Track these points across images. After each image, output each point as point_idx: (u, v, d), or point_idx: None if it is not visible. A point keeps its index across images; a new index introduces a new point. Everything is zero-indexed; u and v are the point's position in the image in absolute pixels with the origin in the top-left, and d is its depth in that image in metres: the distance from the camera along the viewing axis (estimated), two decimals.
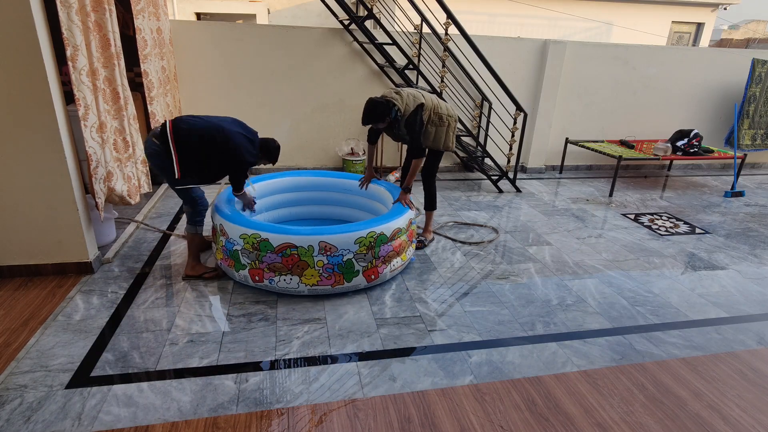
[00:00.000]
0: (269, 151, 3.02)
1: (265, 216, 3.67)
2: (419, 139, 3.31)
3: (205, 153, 2.80)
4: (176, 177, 2.80)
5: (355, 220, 3.64)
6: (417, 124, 3.27)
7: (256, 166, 3.07)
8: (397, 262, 3.10)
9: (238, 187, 3.04)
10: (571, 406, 2.12)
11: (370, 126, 3.36)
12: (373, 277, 2.96)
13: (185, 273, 3.08)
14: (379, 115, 3.19)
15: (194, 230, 3.06)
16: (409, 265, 3.41)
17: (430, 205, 3.75)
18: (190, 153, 2.78)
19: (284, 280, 2.81)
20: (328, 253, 2.78)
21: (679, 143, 5.76)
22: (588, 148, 5.83)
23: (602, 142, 6.19)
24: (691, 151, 5.71)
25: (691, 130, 5.82)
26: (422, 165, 3.51)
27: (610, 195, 5.34)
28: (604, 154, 5.60)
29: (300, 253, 2.75)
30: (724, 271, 3.59)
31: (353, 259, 2.84)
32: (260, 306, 2.79)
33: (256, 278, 2.86)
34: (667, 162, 6.71)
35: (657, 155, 5.50)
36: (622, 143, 6.06)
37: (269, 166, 3.40)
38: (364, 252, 2.86)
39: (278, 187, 3.74)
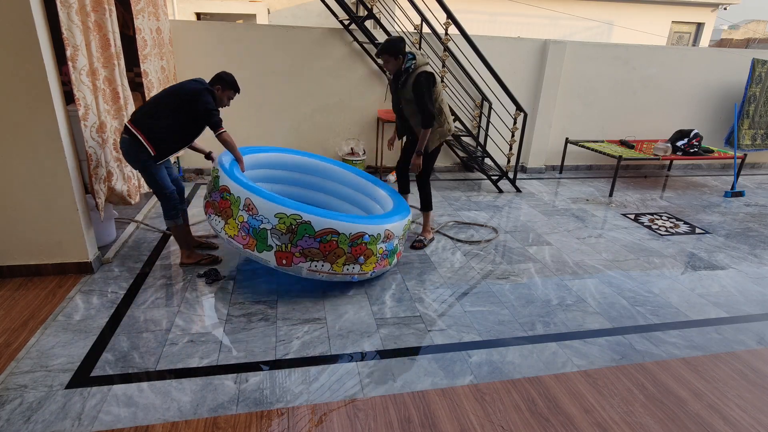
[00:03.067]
0: (222, 79, 3.00)
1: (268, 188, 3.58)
2: (429, 106, 3.22)
3: (168, 114, 2.86)
4: (152, 154, 2.86)
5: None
6: (426, 89, 3.19)
7: (222, 104, 3.05)
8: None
9: (214, 125, 2.91)
10: (571, 406, 2.12)
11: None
12: (284, 262, 2.72)
13: (181, 261, 3.16)
14: (393, 49, 3.17)
15: (172, 223, 3.10)
16: (409, 264, 3.41)
17: (426, 205, 3.73)
18: (154, 126, 2.84)
19: (315, 265, 2.74)
20: (387, 240, 2.88)
21: (679, 143, 5.77)
22: (588, 148, 5.83)
23: (602, 142, 6.19)
24: (691, 151, 5.71)
25: (691, 130, 5.82)
26: (426, 141, 3.35)
27: (610, 195, 5.34)
28: (604, 154, 5.60)
29: (340, 241, 2.71)
30: (724, 271, 3.59)
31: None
32: (260, 306, 2.79)
33: (283, 262, 2.72)
34: (667, 162, 6.71)
35: (657, 155, 5.50)
36: (622, 143, 6.06)
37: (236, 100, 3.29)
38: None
39: (275, 162, 3.67)
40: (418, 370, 2.31)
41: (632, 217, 4.67)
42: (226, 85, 3.01)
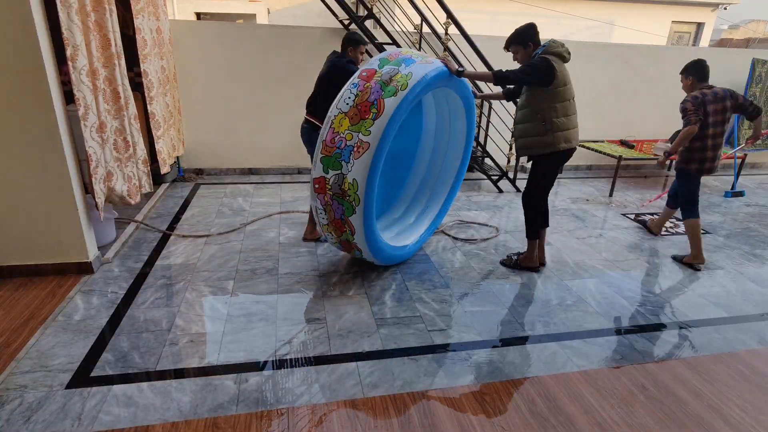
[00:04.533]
0: (351, 41, 3.30)
1: None
2: (517, 74, 2.86)
3: (327, 93, 3.13)
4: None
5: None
6: (529, 66, 2.85)
7: (359, 62, 3.35)
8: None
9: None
10: (571, 406, 2.12)
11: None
12: None
13: (304, 236, 3.70)
14: (520, 37, 2.94)
15: None
16: (409, 264, 3.41)
17: (529, 231, 3.32)
18: (323, 108, 3.09)
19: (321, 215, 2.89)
20: None
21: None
22: (588, 147, 5.83)
23: (602, 142, 6.19)
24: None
25: None
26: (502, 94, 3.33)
27: (610, 195, 5.34)
28: (604, 153, 5.60)
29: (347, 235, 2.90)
30: (724, 271, 3.59)
31: None
32: (260, 306, 2.79)
33: (316, 186, 2.85)
34: (668, 162, 6.70)
35: (657, 155, 5.50)
36: (622, 143, 6.06)
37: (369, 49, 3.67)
38: None
39: None
40: (418, 370, 2.31)
41: (632, 217, 4.67)
42: (354, 44, 3.28)
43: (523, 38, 2.95)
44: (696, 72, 3.47)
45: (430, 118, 3.78)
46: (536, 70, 2.85)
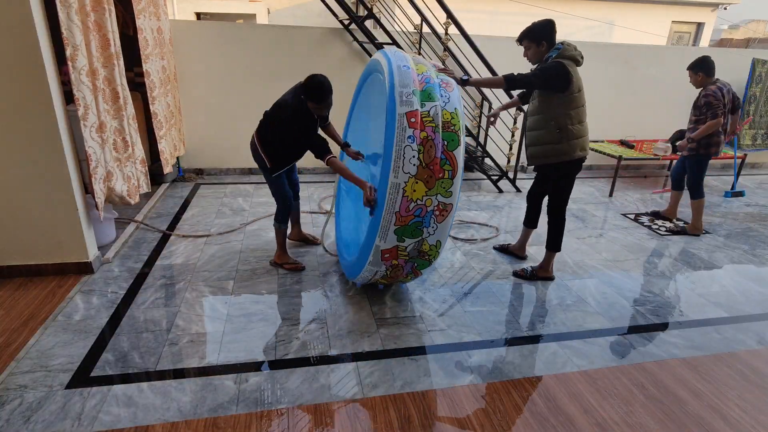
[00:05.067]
0: (314, 94, 2.71)
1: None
2: (530, 78, 2.74)
3: (276, 131, 2.90)
4: (268, 166, 2.99)
5: None
6: (541, 70, 2.73)
7: (319, 118, 2.91)
8: None
9: (316, 151, 2.78)
10: (571, 406, 2.12)
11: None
12: None
13: (273, 260, 3.33)
14: (533, 33, 2.78)
15: (278, 226, 3.22)
16: None
17: (553, 243, 3.20)
18: (268, 140, 2.96)
19: None
20: None
21: (678, 143, 5.75)
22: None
23: (602, 142, 6.19)
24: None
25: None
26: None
27: (610, 195, 5.34)
28: (604, 153, 5.60)
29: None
30: (724, 271, 3.59)
31: None
32: (260, 306, 2.79)
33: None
34: (667, 162, 6.71)
35: (657, 155, 5.50)
36: (622, 143, 6.06)
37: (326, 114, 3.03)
38: None
39: None
40: (418, 370, 2.31)
41: (632, 217, 4.67)
42: (313, 97, 2.75)
43: (537, 35, 2.78)
44: (706, 68, 3.81)
45: None
46: (551, 76, 2.71)
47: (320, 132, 3.00)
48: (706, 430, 2.03)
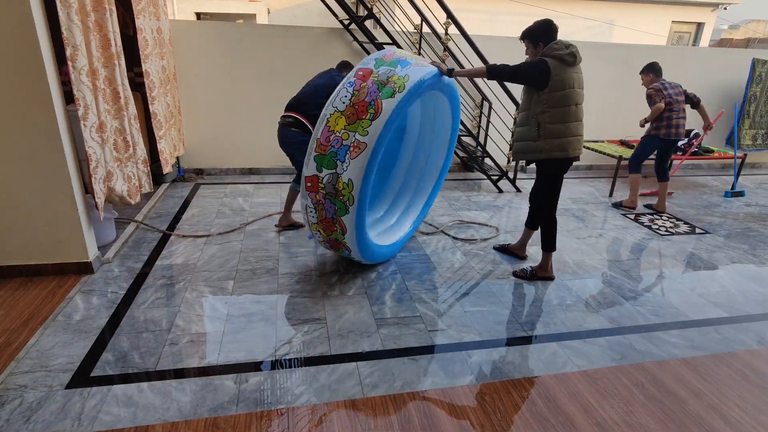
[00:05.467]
0: (347, 64, 3.51)
1: None
2: (511, 70, 2.81)
3: (319, 101, 3.13)
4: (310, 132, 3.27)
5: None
6: (526, 63, 2.81)
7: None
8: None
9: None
10: (571, 406, 2.12)
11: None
12: None
13: (279, 224, 3.85)
14: (531, 33, 2.83)
15: (296, 187, 3.59)
16: (409, 265, 3.41)
17: (548, 244, 3.20)
18: (310, 112, 3.33)
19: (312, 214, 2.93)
20: None
21: (679, 143, 5.74)
22: (588, 148, 5.83)
23: (602, 142, 6.19)
24: (693, 151, 5.70)
25: (691, 130, 5.81)
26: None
27: (611, 195, 5.34)
28: (605, 153, 5.60)
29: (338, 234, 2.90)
30: (724, 271, 3.59)
31: None
32: (260, 306, 2.79)
33: (308, 185, 2.83)
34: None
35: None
36: (623, 143, 6.06)
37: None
38: None
39: None
40: (418, 370, 2.31)
41: (632, 217, 4.67)
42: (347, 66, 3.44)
43: (534, 35, 2.84)
44: (654, 70, 4.70)
45: (413, 118, 3.79)
46: (528, 70, 2.77)
47: None
48: (706, 430, 2.03)
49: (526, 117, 2.96)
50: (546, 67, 2.74)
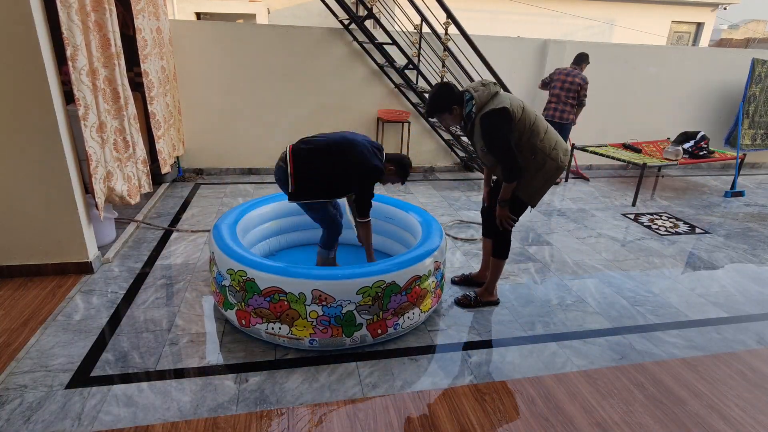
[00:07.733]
0: (401, 165, 2.72)
1: (274, 241, 3.32)
2: (508, 156, 2.44)
3: (329, 164, 2.61)
4: (290, 190, 2.64)
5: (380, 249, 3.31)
6: (497, 134, 2.42)
7: (384, 183, 2.82)
8: (414, 314, 2.52)
9: (363, 208, 2.67)
10: (571, 406, 2.12)
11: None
12: (379, 331, 2.42)
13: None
14: (441, 103, 2.47)
15: (325, 254, 2.87)
16: None
17: (500, 251, 2.81)
18: (309, 168, 2.62)
19: (272, 328, 2.36)
20: (324, 303, 2.28)
21: (686, 146, 5.65)
22: (600, 154, 5.57)
23: (605, 146, 5.96)
24: (701, 153, 5.59)
25: (697, 132, 5.72)
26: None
27: (633, 204, 5.05)
28: (623, 161, 5.27)
29: (290, 300, 2.29)
30: (724, 271, 3.59)
31: (354, 311, 2.33)
32: None
33: (243, 322, 2.43)
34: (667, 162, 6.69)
35: (671, 160, 5.32)
36: (626, 147, 5.87)
37: (398, 186, 2.93)
38: (369, 303, 2.34)
39: (285, 210, 3.31)
40: (418, 370, 2.31)
41: (632, 217, 4.67)
42: (399, 171, 2.73)
43: (445, 103, 2.48)
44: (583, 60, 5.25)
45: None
46: (503, 133, 2.43)
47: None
48: (706, 430, 2.03)
49: (524, 160, 2.53)
50: (506, 113, 2.41)
